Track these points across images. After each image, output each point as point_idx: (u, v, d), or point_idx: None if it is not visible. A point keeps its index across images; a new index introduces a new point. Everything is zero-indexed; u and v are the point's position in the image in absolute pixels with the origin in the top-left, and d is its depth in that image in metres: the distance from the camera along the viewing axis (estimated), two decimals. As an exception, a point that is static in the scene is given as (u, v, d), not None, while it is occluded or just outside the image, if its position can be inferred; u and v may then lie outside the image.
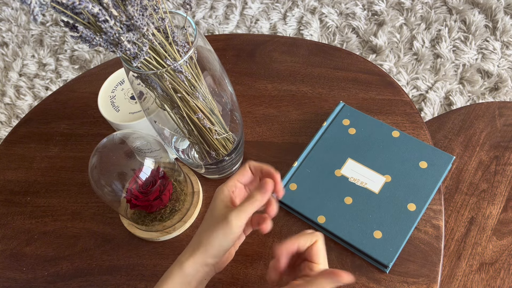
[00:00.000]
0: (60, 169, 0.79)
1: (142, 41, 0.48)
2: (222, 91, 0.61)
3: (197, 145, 0.64)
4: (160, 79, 0.52)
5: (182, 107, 0.56)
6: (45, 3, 0.41)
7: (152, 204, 0.65)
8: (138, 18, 0.46)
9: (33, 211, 0.75)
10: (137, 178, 0.63)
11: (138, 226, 0.69)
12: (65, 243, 0.72)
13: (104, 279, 0.68)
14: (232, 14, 1.80)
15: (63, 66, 1.76)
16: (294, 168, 0.70)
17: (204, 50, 0.56)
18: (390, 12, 1.69)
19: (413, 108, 0.76)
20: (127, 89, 0.71)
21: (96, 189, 0.62)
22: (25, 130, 0.85)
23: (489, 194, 0.81)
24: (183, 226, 0.70)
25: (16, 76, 1.77)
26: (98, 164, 0.61)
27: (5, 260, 0.71)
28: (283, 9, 1.79)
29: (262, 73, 0.84)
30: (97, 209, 0.74)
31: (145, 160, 0.63)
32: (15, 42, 1.87)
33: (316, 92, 0.80)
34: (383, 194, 0.66)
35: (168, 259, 0.68)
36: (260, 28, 1.75)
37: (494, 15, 1.62)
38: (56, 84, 1.72)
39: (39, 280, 0.69)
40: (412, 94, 1.50)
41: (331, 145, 0.72)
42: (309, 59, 0.84)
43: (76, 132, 0.83)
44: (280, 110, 0.79)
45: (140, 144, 0.63)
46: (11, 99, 1.71)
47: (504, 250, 0.76)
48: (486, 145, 0.86)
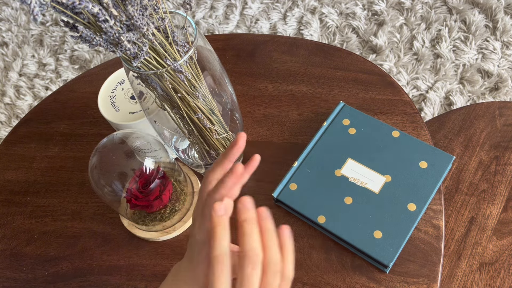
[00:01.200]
0: (60, 169, 0.79)
1: (142, 41, 0.48)
2: (222, 91, 0.61)
3: (197, 145, 0.64)
4: (160, 79, 0.52)
5: (182, 107, 0.56)
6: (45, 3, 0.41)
7: (152, 204, 0.65)
8: (138, 18, 0.46)
9: (33, 211, 0.75)
10: (137, 178, 0.63)
11: (138, 226, 0.69)
12: (65, 243, 0.72)
13: (104, 279, 0.68)
14: (232, 14, 1.80)
15: (63, 66, 1.76)
16: (294, 168, 0.70)
17: (204, 50, 0.56)
18: (390, 12, 1.69)
19: (413, 108, 0.76)
20: (127, 89, 0.71)
21: (96, 189, 0.62)
22: (25, 130, 0.85)
23: (489, 194, 0.81)
24: (183, 226, 0.70)
25: (16, 76, 1.77)
26: (98, 164, 0.61)
27: (5, 260, 0.71)
28: (283, 9, 1.79)
29: (262, 73, 0.84)
30: (97, 209, 0.74)
31: (145, 160, 0.63)
32: (15, 42, 1.87)
33: (316, 92, 0.80)
34: (383, 194, 0.66)
35: (168, 259, 0.68)
36: (260, 28, 1.75)
37: (494, 15, 1.62)
38: (56, 84, 1.72)
39: (39, 280, 0.69)
40: (412, 94, 1.50)
41: (331, 145, 0.72)
42: (309, 59, 0.84)
43: (76, 132, 0.83)
44: (280, 110, 0.79)
45: (140, 144, 0.63)
46: (11, 99, 1.71)
47: (504, 250, 0.76)
48: (486, 145, 0.86)
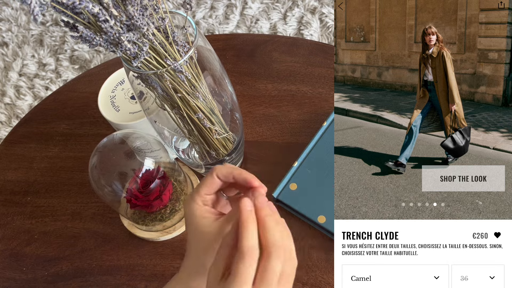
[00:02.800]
0: (60, 169, 0.79)
1: (142, 41, 0.48)
2: (222, 91, 0.61)
3: (197, 145, 0.64)
4: (160, 79, 0.52)
5: (182, 107, 0.56)
6: (45, 3, 0.41)
7: (152, 204, 0.65)
8: (138, 18, 0.46)
9: (33, 211, 0.75)
10: (137, 178, 0.63)
11: (138, 226, 0.69)
12: (65, 243, 0.72)
13: (104, 279, 0.68)
14: (232, 14, 1.80)
15: (63, 66, 1.76)
16: (294, 168, 0.70)
17: (204, 50, 0.56)
18: (390, 12, 1.69)
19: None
20: (127, 89, 0.71)
21: (96, 189, 0.62)
22: (25, 130, 0.85)
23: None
24: (183, 226, 0.70)
25: (16, 76, 1.77)
26: (98, 164, 0.61)
27: (5, 260, 0.71)
28: (283, 9, 1.79)
29: (262, 73, 0.84)
30: (97, 209, 0.74)
31: (145, 160, 0.63)
32: (15, 42, 1.87)
33: (316, 92, 0.80)
34: (383, 194, 0.66)
35: (168, 259, 0.68)
36: (260, 28, 1.75)
37: None
38: (56, 84, 1.72)
39: (39, 280, 0.69)
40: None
41: (331, 145, 0.72)
42: (309, 59, 0.84)
43: (76, 132, 0.83)
44: (280, 110, 0.79)
45: (140, 144, 0.63)
46: (11, 99, 1.71)
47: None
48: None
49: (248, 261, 0.37)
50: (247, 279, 0.37)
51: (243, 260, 0.37)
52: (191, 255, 0.47)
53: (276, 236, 0.39)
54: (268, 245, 0.38)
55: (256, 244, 0.38)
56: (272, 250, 0.38)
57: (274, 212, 0.42)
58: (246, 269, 0.37)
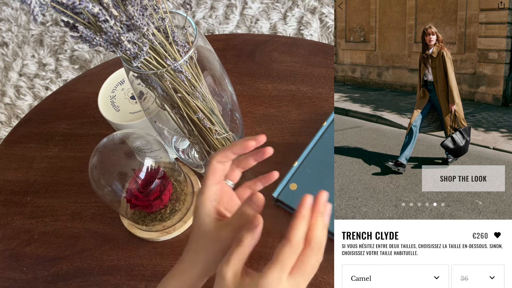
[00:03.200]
0: (60, 169, 0.79)
1: (142, 41, 0.48)
2: (222, 91, 0.61)
3: (197, 145, 0.64)
4: (160, 79, 0.52)
5: (182, 107, 0.56)
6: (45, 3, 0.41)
7: (152, 204, 0.65)
8: (138, 18, 0.46)
9: (33, 211, 0.75)
10: (137, 178, 0.63)
11: (138, 226, 0.69)
12: (65, 243, 0.72)
13: (104, 279, 0.68)
14: (232, 14, 1.80)
15: (63, 66, 1.76)
16: (294, 168, 0.70)
17: (204, 50, 0.56)
18: (390, 12, 1.69)
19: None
20: (127, 89, 0.71)
21: (96, 189, 0.62)
22: (25, 130, 0.85)
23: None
24: (183, 226, 0.70)
25: (16, 76, 1.77)
26: (98, 164, 0.61)
27: (5, 260, 0.71)
28: (283, 9, 1.79)
29: (262, 73, 0.84)
30: (97, 209, 0.74)
31: (145, 160, 0.63)
32: (15, 42, 1.87)
33: (316, 92, 0.80)
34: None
35: (168, 259, 0.68)
36: (260, 28, 1.75)
37: None
38: (56, 84, 1.72)
39: (39, 280, 0.69)
40: (412, 94, 1.50)
41: (331, 145, 0.72)
42: (309, 59, 0.84)
43: (76, 132, 0.83)
44: (280, 110, 0.79)
45: (140, 144, 0.63)
46: (11, 99, 1.71)
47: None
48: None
49: (294, 251, 0.41)
50: (287, 265, 0.41)
51: (290, 249, 0.41)
52: (191, 249, 0.49)
53: (321, 235, 0.43)
54: (312, 241, 0.42)
55: (303, 237, 0.42)
56: (314, 247, 0.42)
57: (326, 213, 0.45)
58: (289, 257, 0.41)
